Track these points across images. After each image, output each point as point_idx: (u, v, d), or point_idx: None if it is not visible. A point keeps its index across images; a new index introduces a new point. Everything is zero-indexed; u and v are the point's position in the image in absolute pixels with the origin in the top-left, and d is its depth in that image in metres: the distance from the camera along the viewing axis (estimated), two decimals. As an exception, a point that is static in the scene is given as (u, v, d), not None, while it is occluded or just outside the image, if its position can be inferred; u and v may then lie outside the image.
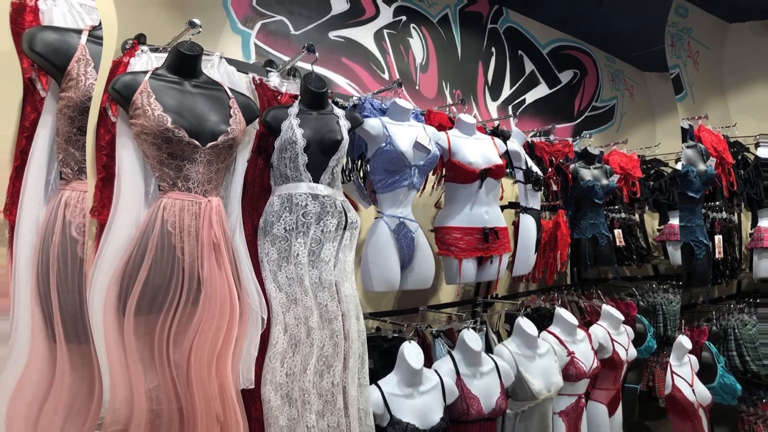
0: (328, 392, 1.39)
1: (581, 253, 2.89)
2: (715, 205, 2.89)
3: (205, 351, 1.23)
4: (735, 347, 2.65)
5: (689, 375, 2.35)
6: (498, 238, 1.87)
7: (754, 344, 2.62)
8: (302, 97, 1.59)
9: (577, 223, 2.93)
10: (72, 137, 1.23)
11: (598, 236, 2.88)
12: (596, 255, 2.88)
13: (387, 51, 2.66)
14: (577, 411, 2.18)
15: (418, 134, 1.76)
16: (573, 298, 2.90)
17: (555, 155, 2.77)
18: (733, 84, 3.38)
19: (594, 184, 2.81)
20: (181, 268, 1.23)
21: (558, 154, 2.79)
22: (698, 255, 2.63)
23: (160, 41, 1.43)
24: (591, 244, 2.87)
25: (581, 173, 2.85)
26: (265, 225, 1.40)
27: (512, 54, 3.35)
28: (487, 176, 1.82)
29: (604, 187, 2.85)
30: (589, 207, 2.87)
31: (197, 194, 1.28)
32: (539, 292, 2.92)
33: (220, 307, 1.25)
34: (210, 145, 1.28)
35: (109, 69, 1.24)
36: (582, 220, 2.91)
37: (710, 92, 3.37)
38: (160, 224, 1.22)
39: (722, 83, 3.41)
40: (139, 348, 1.17)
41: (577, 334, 2.18)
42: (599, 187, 2.82)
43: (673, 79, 3.19)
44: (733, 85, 3.38)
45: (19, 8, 1.24)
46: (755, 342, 2.62)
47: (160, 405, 1.20)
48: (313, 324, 1.40)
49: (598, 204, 2.86)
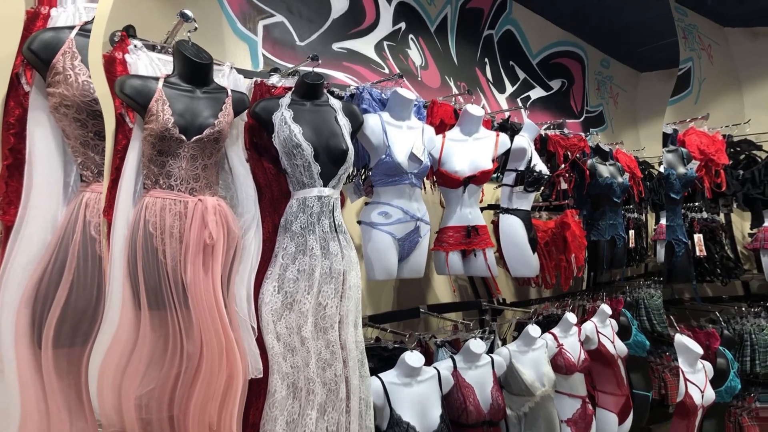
0: (332, 381, 1.42)
1: (599, 257, 2.73)
2: (694, 206, 2.93)
3: (210, 349, 1.19)
4: (750, 353, 2.57)
5: (702, 382, 2.28)
6: (478, 234, 2.04)
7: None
8: (296, 87, 1.57)
9: (594, 223, 2.76)
10: (90, 141, 1.24)
11: (616, 238, 2.75)
12: (611, 258, 2.75)
13: (387, 58, 2.65)
14: (585, 420, 2.14)
15: (415, 142, 1.81)
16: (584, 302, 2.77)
17: (571, 149, 2.64)
18: (748, 78, 3.34)
19: (612, 181, 2.68)
20: (165, 272, 1.19)
21: (574, 149, 2.65)
22: (678, 252, 2.72)
23: (151, 35, 1.39)
24: (609, 247, 2.73)
25: (599, 169, 2.71)
26: (286, 223, 1.49)
27: (504, 64, 3.36)
28: (469, 183, 2.02)
29: (620, 185, 2.74)
30: (609, 206, 2.73)
31: (181, 192, 1.24)
32: (553, 299, 2.82)
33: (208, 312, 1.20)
34: (195, 139, 1.25)
35: (100, 63, 1.19)
36: (600, 220, 2.74)
37: (724, 87, 3.35)
38: (143, 225, 1.18)
39: (738, 77, 3.38)
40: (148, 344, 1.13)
41: (570, 330, 2.26)
42: (617, 184, 2.71)
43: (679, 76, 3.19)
44: (748, 80, 3.35)
45: (33, 16, 1.26)
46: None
47: (150, 414, 1.15)
48: (306, 334, 1.38)
49: (616, 203, 2.74)
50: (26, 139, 1.20)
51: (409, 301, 2.46)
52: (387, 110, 1.84)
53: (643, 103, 4.25)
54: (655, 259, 3.17)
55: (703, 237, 2.83)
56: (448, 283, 2.62)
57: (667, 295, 2.98)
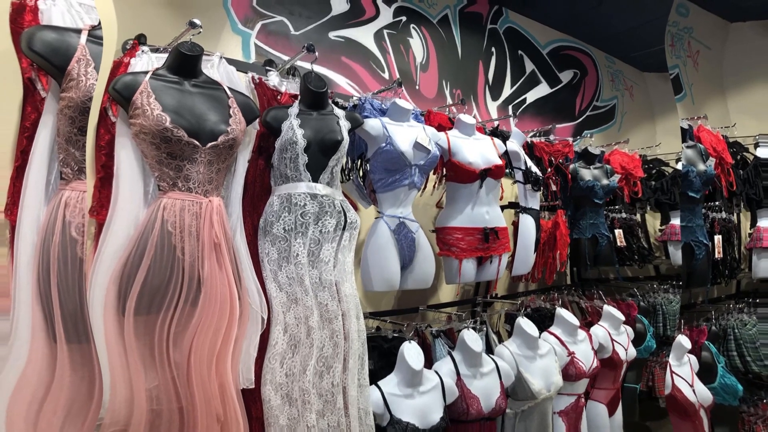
0: (328, 392, 1.39)
1: (581, 253, 2.88)
2: (714, 205, 2.89)
3: (205, 351, 1.22)
4: (735, 347, 2.65)
5: (689, 375, 2.34)
6: (498, 238, 1.88)
7: (755, 344, 2.62)
8: (302, 97, 1.59)
9: (576, 223, 2.92)
10: (72, 137, 1.23)
11: (598, 236, 2.87)
12: (596, 255, 2.88)
13: (387, 50, 2.66)
14: (576, 411, 2.18)
15: (418, 135, 1.77)
16: (573, 299, 2.89)
17: (554, 155, 2.77)
18: (733, 84, 3.37)
19: (594, 184, 2.80)
20: (181, 268, 1.22)
21: (557, 154, 2.78)
22: (698, 255, 2.63)
23: (160, 41, 1.42)
24: (591, 244, 2.86)
25: (581, 173, 2.84)
26: (265, 225, 1.40)
27: (512, 54, 3.35)
28: (487, 176, 1.84)
29: (604, 187, 2.84)
30: (589, 207, 2.87)
31: (198, 194, 1.27)
32: (539, 292, 2.91)
33: (220, 306, 1.24)
34: (210, 145, 1.27)
35: (109, 69, 1.24)
36: (581, 220, 2.90)
37: (710, 92, 3.37)
38: (160, 224, 1.21)
39: (722, 83, 3.41)
40: (140, 348, 1.17)
41: (578, 334, 2.19)
42: (599, 187, 2.82)
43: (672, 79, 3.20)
44: (733, 85, 3.38)
45: (19, 8, 1.24)
46: (755, 342, 2.62)
47: (161, 405, 1.19)
48: (313, 324, 1.39)
49: (598, 204, 2.86)
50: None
51: (411, 304, 2.41)
52: (387, 116, 1.87)
53: (657, 99, 4.02)
54: (666, 261, 3.26)
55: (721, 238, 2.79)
56: (453, 289, 2.55)
57: (685, 300, 2.90)
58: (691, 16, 3.28)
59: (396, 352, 1.68)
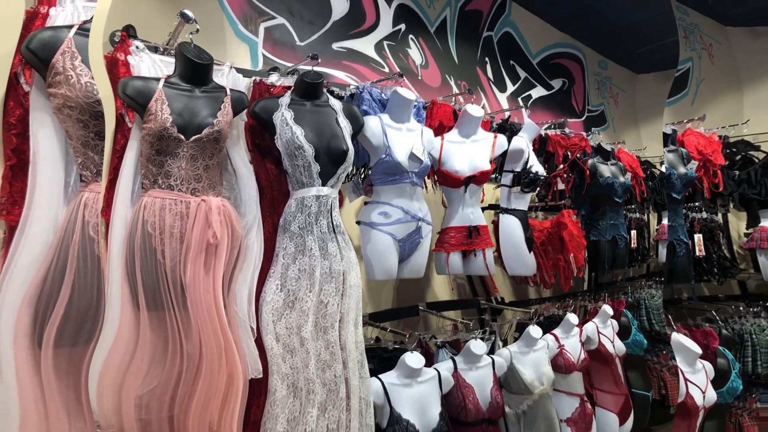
0: (332, 382, 1.42)
1: (600, 257, 2.67)
2: (695, 206, 2.94)
3: (214, 349, 1.20)
4: (751, 353, 2.57)
5: (703, 382, 2.27)
6: (479, 234, 2.06)
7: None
8: (295, 86, 1.57)
9: (594, 223, 2.73)
10: (90, 141, 1.24)
11: (618, 238, 2.72)
12: (613, 258, 2.72)
13: (387, 57, 2.66)
14: (585, 419, 2.14)
15: (414, 144, 1.83)
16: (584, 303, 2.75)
17: (571, 149, 2.62)
18: (748, 78, 3.36)
19: (613, 181, 2.66)
20: (163, 272, 1.18)
21: (575, 148, 2.62)
22: (679, 252, 2.74)
23: (151, 35, 1.40)
24: (611, 247, 2.69)
25: (600, 169, 2.68)
26: (284, 223, 1.50)
27: (505, 64, 3.37)
28: (470, 183, 2.03)
29: (622, 185, 2.71)
30: (609, 206, 2.71)
31: (182, 192, 1.24)
32: (554, 299, 2.81)
33: (207, 313, 1.20)
34: (194, 139, 1.25)
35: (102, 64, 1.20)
36: (600, 220, 2.71)
37: (724, 87, 3.36)
38: (141, 225, 1.18)
39: (738, 77, 3.39)
40: (153, 340, 1.13)
41: (572, 331, 2.26)
42: (618, 184, 2.68)
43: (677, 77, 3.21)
44: (748, 80, 3.36)
45: (32, 15, 1.27)
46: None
47: (150, 414, 1.15)
48: (306, 334, 1.39)
49: (618, 203, 2.72)
50: (30, 139, 1.20)
51: (409, 299, 2.47)
52: (387, 112, 1.84)
53: (643, 104, 4.25)
54: (656, 260, 3.15)
55: (702, 237, 2.84)
56: (446, 282, 2.65)
57: (668, 295, 2.97)
58: (692, 16, 3.31)
59: (396, 360, 1.67)
